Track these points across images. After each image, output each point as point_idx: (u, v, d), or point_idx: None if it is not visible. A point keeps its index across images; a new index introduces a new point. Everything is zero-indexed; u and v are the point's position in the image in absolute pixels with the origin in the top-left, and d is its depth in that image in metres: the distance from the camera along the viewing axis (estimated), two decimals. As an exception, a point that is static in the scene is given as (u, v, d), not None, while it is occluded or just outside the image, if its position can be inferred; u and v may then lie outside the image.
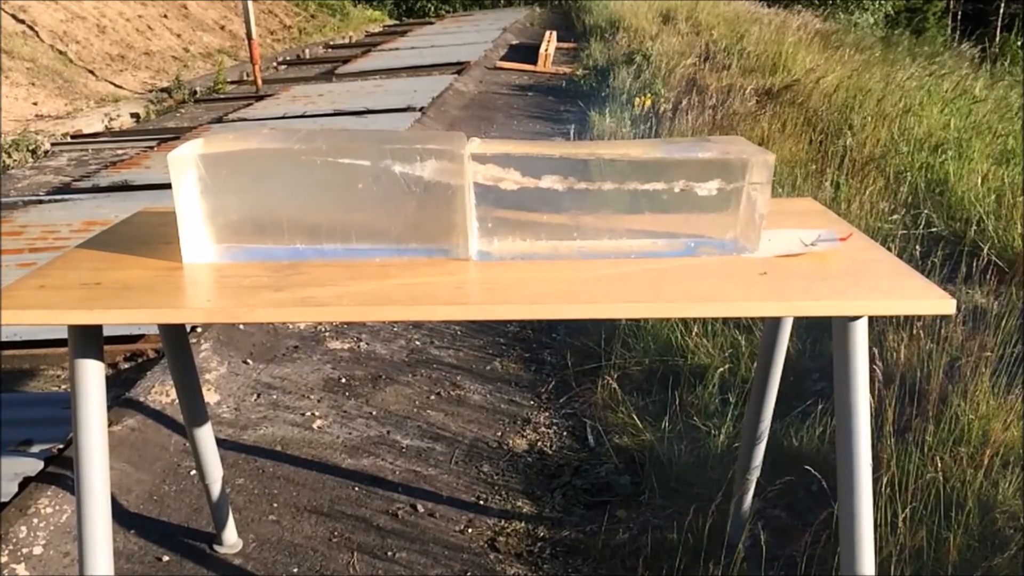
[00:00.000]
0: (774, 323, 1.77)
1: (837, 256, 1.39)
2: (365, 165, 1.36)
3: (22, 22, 9.30)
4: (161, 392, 2.62)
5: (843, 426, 1.35)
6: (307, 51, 12.58)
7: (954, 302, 1.22)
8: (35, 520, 2.02)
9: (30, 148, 6.46)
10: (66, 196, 5.11)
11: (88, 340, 1.32)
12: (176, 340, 1.77)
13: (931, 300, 1.23)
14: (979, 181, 4.13)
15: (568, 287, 1.30)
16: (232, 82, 9.93)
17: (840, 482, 1.37)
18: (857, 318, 1.30)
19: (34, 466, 2.21)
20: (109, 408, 2.38)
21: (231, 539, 2.07)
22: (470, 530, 2.17)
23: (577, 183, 1.37)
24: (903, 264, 1.37)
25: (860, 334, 1.31)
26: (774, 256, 1.39)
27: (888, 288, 1.27)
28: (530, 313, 1.29)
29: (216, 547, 2.07)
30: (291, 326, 3.28)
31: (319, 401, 2.77)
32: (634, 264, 1.38)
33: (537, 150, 1.38)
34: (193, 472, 2.34)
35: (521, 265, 1.38)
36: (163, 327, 1.75)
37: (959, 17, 23.45)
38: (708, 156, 1.38)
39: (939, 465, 1.96)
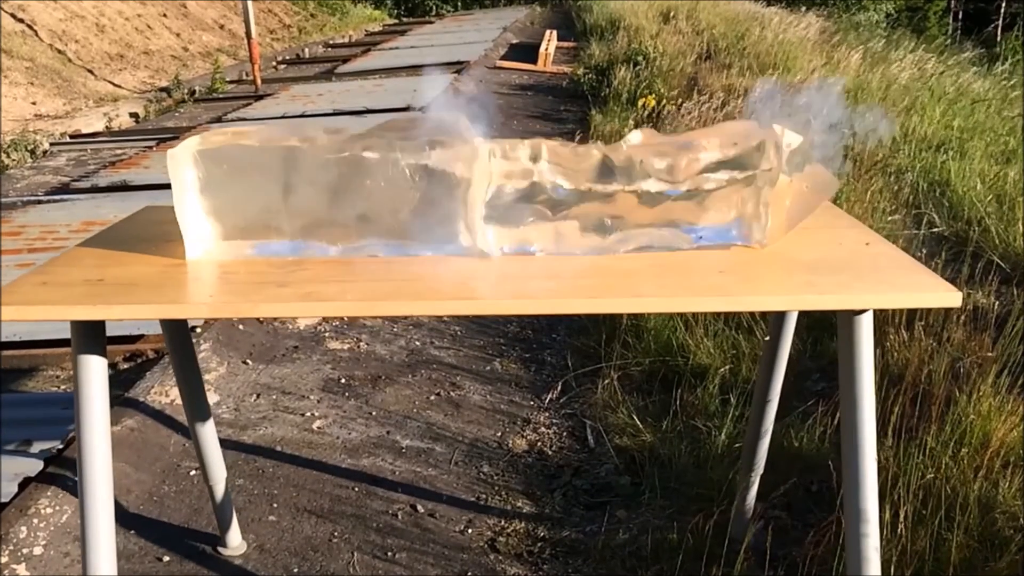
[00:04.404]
0: (778, 319, 1.76)
1: (842, 250, 1.39)
2: (371, 160, 1.35)
3: (21, 21, 9.29)
4: (161, 392, 2.61)
5: (848, 422, 1.34)
6: (306, 50, 12.58)
7: (960, 294, 1.21)
8: (35, 520, 2.02)
9: (29, 148, 6.45)
10: (65, 196, 5.10)
11: (91, 336, 1.32)
12: (179, 338, 1.77)
13: (937, 293, 1.23)
14: (980, 181, 4.13)
15: (574, 282, 1.29)
16: (231, 81, 9.92)
17: (845, 478, 1.36)
18: (863, 312, 1.29)
19: (34, 466, 2.21)
20: (109, 408, 2.37)
21: (235, 541, 2.06)
22: (470, 530, 2.16)
23: (585, 180, 1.36)
24: (908, 257, 1.35)
25: (865, 328, 1.30)
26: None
27: (893, 281, 1.26)
28: (537, 308, 1.28)
29: (220, 549, 2.06)
30: (291, 327, 3.27)
31: (319, 401, 2.76)
32: (640, 259, 1.37)
33: (543, 145, 1.37)
34: (193, 472, 2.34)
35: (526, 260, 1.38)
36: (166, 325, 1.74)
37: (960, 16, 23.44)
38: (711, 153, 1.37)
39: (940, 465, 1.96)
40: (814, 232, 1.47)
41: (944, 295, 1.22)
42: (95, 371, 1.32)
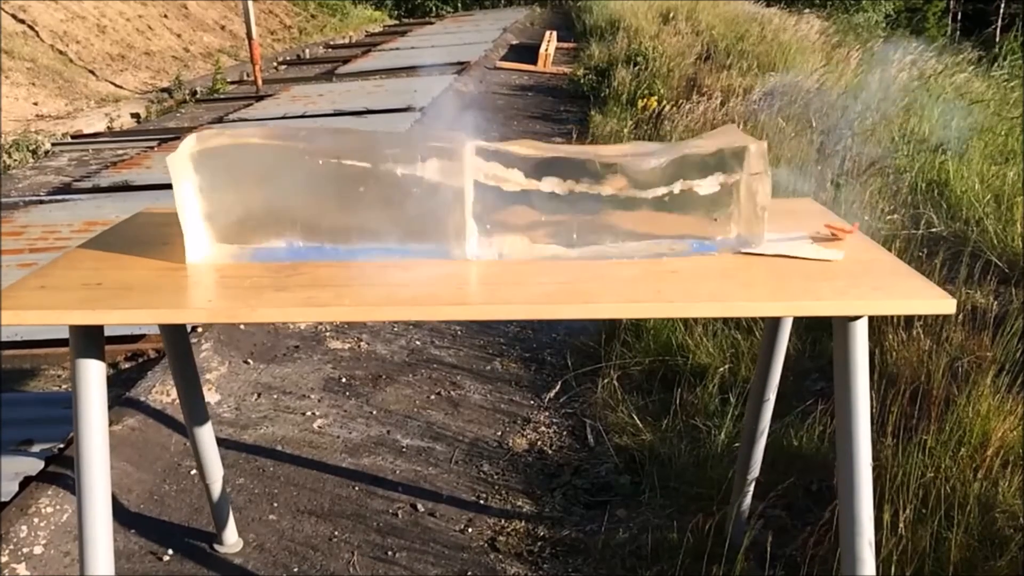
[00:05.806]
0: (774, 322, 1.77)
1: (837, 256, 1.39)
2: (366, 165, 1.36)
3: (22, 22, 9.30)
4: (162, 392, 2.62)
5: (843, 426, 1.35)
6: (307, 51, 12.58)
7: (954, 302, 1.22)
8: (36, 520, 2.03)
9: (30, 148, 6.46)
10: (67, 196, 5.11)
11: (89, 340, 1.32)
12: (177, 340, 1.78)
13: (931, 300, 1.24)
14: (978, 181, 4.13)
15: (569, 287, 1.30)
16: (233, 82, 9.93)
17: (840, 482, 1.37)
18: (858, 318, 1.30)
19: (34, 466, 2.22)
20: (110, 408, 2.38)
21: (231, 539, 2.07)
22: (470, 530, 2.17)
23: (577, 184, 1.37)
24: (903, 264, 1.37)
25: (860, 334, 1.31)
26: (776, 254, 1.39)
27: (888, 288, 1.27)
28: (531, 313, 1.29)
29: (216, 547, 2.07)
30: (291, 326, 3.28)
31: (319, 401, 2.77)
32: (635, 264, 1.38)
33: (538, 151, 1.38)
34: (194, 472, 2.34)
35: (521, 265, 1.38)
36: (164, 327, 1.75)
37: (959, 17, 23.43)
38: (704, 151, 1.38)
39: (939, 465, 1.96)
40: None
41: (939, 302, 1.23)
42: (93, 375, 1.33)
